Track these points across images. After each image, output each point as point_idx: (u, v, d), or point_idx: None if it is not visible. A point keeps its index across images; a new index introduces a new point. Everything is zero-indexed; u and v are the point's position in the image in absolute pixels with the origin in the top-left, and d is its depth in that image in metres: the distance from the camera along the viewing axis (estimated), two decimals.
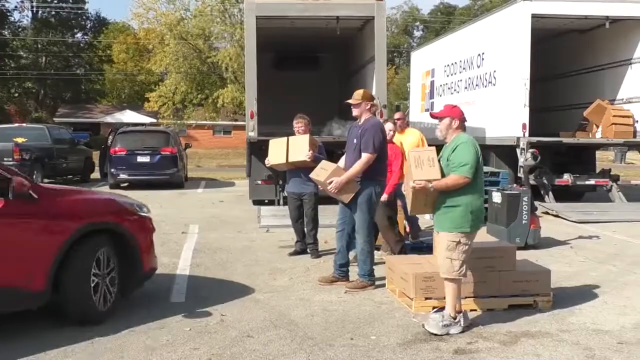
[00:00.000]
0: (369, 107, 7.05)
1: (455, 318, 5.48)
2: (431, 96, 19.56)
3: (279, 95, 15.53)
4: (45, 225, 5.29)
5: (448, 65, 18.17)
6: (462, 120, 5.72)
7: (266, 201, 13.94)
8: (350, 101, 7.06)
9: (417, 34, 79.24)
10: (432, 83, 19.53)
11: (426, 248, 8.47)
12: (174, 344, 5.18)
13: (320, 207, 8.81)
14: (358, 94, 7.07)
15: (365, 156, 6.82)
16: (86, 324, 5.53)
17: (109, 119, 51.01)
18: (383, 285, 7.01)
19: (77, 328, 5.55)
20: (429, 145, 10.21)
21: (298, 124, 8.70)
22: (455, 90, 17.65)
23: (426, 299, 6.08)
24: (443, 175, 5.49)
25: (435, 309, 6.00)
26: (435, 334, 5.37)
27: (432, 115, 5.93)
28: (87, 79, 61.83)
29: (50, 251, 5.26)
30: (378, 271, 7.28)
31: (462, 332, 5.45)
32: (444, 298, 6.03)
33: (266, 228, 11.17)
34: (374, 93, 13.14)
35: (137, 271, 6.18)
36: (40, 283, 5.22)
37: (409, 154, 5.82)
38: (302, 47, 16.73)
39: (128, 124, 35.74)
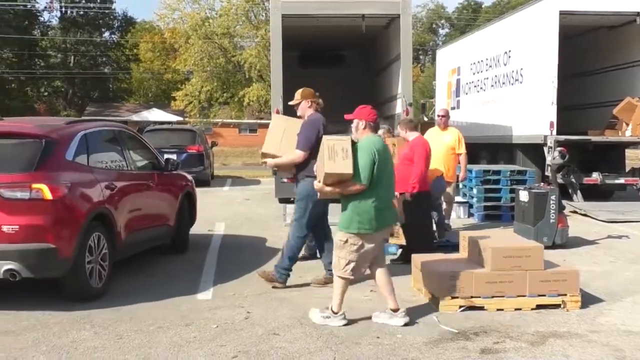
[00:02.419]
0: (309, 104, 7.13)
1: (336, 313, 5.61)
2: (457, 94, 19.45)
3: None
4: (175, 188, 8.74)
5: (474, 63, 18.05)
6: (369, 120, 5.74)
7: (292, 199, 13.94)
8: (290, 102, 7.21)
9: (443, 32, 78.80)
10: (458, 81, 19.41)
11: (452, 247, 8.43)
12: (201, 341, 5.22)
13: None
14: (297, 93, 7.21)
15: (294, 153, 6.89)
16: (185, 252, 8.84)
17: (135, 117, 51.46)
18: (409, 284, 6.99)
19: (104, 325, 5.63)
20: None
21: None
22: (481, 88, 17.53)
23: (452, 297, 6.05)
24: (356, 168, 5.48)
25: (461, 308, 5.99)
26: (315, 323, 5.59)
27: (345, 117, 5.97)
28: (115, 77, 62.42)
29: (176, 203, 8.60)
30: (401, 267, 7.27)
31: (345, 325, 5.56)
32: (471, 297, 6.04)
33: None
34: (399, 91, 13.15)
35: (193, 219, 9.48)
36: (173, 223, 8.50)
37: (323, 142, 5.72)
38: (327, 45, 16.72)
39: (155, 123, 36.05)
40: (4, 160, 6.19)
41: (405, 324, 5.58)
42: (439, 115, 10.61)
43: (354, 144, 5.60)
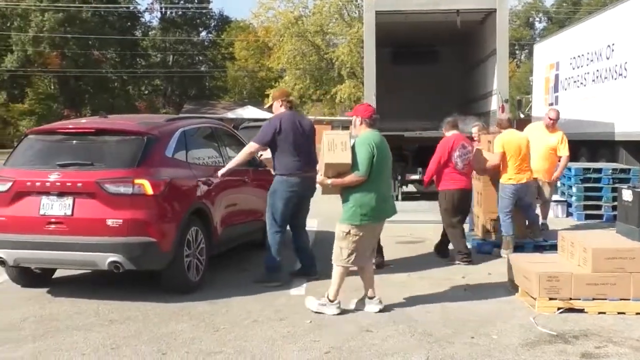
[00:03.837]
0: (280, 104, 7.28)
1: (332, 301, 5.87)
2: (555, 90, 18.82)
3: (397, 90, 15.43)
4: (269, 183, 7.72)
5: (574, 57, 17.42)
6: (365, 117, 5.95)
7: None
8: (265, 106, 7.42)
9: (540, 26, 76.44)
10: (556, 76, 18.78)
11: (549, 247, 8.19)
12: (295, 336, 5.30)
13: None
14: (270, 97, 7.64)
15: (247, 145, 7.30)
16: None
17: (230, 114, 52.43)
18: (504, 284, 6.84)
19: (201, 317, 5.80)
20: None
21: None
22: (581, 83, 16.91)
23: (550, 299, 5.89)
24: (355, 161, 5.71)
25: (559, 310, 5.82)
26: (312, 310, 5.87)
27: (346, 115, 6.08)
28: (211, 76, 64.04)
29: (264, 198, 7.72)
30: (496, 266, 7.11)
31: (339, 314, 5.80)
32: (570, 299, 5.85)
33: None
34: (494, 87, 12.86)
35: None
36: (262, 217, 7.86)
37: (323, 137, 5.93)
38: (420, 41, 16.50)
39: (249, 120, 36.75)
40: (108, 157, 6.48)
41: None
42: (550, 118, 10.11)
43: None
